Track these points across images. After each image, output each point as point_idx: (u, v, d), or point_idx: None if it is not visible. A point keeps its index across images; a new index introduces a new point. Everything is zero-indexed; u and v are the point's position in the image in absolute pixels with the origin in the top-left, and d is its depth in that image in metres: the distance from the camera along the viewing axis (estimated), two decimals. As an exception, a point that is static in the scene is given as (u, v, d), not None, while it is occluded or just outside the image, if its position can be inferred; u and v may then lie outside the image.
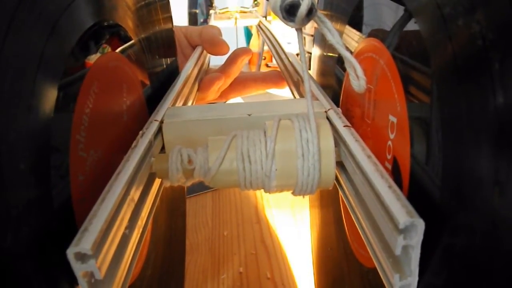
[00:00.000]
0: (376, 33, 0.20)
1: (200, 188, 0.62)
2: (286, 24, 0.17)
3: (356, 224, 0.17)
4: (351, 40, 0.24)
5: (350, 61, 0.17)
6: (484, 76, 0.12)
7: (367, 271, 0.22)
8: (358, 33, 0.23)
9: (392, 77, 0.18)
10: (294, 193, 0.19)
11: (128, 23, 0.25)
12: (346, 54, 0.17)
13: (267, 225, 0.55)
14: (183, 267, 0.42)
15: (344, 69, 0.26)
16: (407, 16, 0.17)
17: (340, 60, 0.28)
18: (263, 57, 0.90)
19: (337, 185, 0.19)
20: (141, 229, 0.18)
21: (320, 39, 0.34)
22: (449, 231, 0.13)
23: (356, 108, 0.23)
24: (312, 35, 0.64)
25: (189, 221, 0.56)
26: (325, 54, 0.31)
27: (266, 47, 0.91)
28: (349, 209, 0.18)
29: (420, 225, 0.12)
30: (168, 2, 0.35)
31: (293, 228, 0.54)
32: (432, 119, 0.14)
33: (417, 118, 0.16)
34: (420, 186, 0.15)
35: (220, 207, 0.59)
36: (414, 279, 0.13)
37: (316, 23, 0.18)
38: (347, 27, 0.25)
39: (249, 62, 0.97)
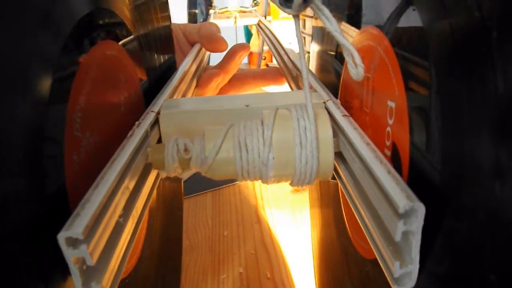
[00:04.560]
0: (374, 21, 0.20)
1: (200, 188, 0.62)
2: (283, 11, 0.17)
3: (355, 214, 0.17)
4: (347, 32, 0.24)
5: (348, 48, 0.17)
6: (484, 60, 0.11)
7: (368, 263, 0.21)
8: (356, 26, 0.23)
9: (390, 62, 0.17)
10: (292, 183, 0.18)
11: (126, 15, 0.25)
12: (344, 41, 0.17)
13: (267, 225, 0.54)
14: (180, 263, 0.41)
15: (342, 63, 0.25)
16: (405, 1, 0.16)
17: (338, 55, 0.27)
18: (263, 57, 0.90)
19: (336, 176, 0.19)
20: (136, 219, 0.18)
21: (318, 35, 0.33)
22: (450, 217, 0.13)
23: (354, 99, 0.22)
24: (311, 35, 0.64)
25: (189, 221, 0.56)
26: (323, 50, 0.31)
27: (266, 47, 0.91)
28: (348, 200, 0.18)
29: (421, 209, 0.12)
30: (167, 1, 0.34)
31: (293, 228, 0.53)
32: (431, 103, 0.14)
33: (416, 102, 0.15)
34: (420, 171, 0.15)
35: (220, 207, 0.59)
36: (415, 266, 0.13)
37: (313, 10, 0.17)
38: (343, 23, 0.25)
39: (249, 62, 0.97)
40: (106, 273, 0.14)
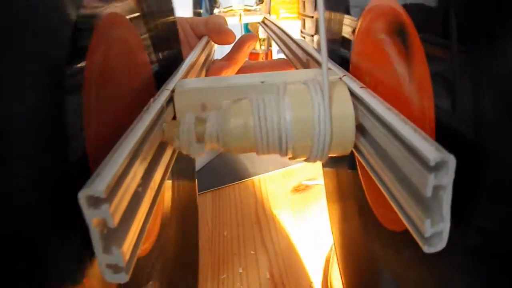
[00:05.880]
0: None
1: (200, 188, 0.61)
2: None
3: (378, 183, 0.16)
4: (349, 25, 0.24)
5: None
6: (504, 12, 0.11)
7: (399, 237, 0.20)
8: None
9: (408, 26, 0.17)
10: (310, 158, 0.18)
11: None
12: None
13: (267, 225, 0.54)
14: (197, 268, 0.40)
15: (348, 49, 0.26)
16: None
17: (343, 43, 0.28)
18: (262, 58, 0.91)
19: (354, 151, 0.19)
20: (154, 192, 0.17)
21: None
22: (490, 169, 0.13)
23: (365, 76, 0.22)
24: (312, 35, 0.65)
25: (188, 221, 0.55)
26: (329, 38, 0.31)
27: (264, 47, 0.92)
28: (369, 170, 0.17)
29: (451, 161, 0.12)
30: None
31: (293, 228, 0.53)
32: (454, 62, 0.14)
33: (437, 65, 0.15)
34: (449, 131, 0.14)
35: (220, 207, 0.58)
36: (446, 225, 0.12)
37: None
38: (346, 16, 0.25)
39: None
40: (127, 239, 0.14)
